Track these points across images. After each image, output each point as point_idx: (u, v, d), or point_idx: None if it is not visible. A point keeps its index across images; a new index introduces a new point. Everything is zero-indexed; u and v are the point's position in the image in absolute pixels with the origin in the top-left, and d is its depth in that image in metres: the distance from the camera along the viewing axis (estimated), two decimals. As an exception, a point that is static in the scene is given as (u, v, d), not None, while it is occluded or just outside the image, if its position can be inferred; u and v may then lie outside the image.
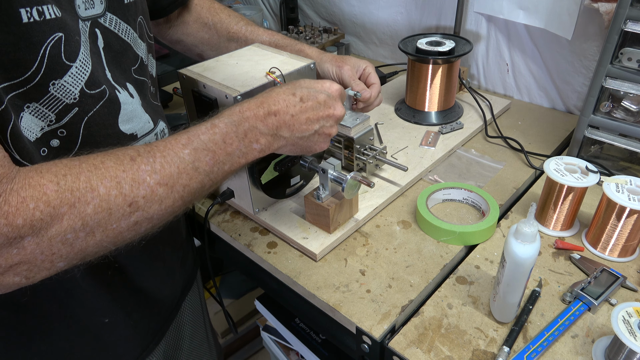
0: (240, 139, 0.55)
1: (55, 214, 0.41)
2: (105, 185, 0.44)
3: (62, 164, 0.44)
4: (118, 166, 0.46)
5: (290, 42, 0.88)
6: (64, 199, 0.42)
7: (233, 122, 0.55)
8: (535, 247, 0.55)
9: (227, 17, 0.89)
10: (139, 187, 0.46)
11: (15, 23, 0.44)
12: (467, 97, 1.16)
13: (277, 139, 0.58)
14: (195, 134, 0.52)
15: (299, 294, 0.72)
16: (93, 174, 0.44)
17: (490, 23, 1.15)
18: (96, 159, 0.46)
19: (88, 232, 0.44)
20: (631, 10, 0.73)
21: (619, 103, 0.81)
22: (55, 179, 0.42)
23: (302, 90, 0.60)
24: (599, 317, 0.63)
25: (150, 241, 0.55)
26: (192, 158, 0.51)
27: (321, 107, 0.61)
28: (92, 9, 0.54)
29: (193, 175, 0.51)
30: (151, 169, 0.47)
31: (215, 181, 0.54)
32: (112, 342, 0.69)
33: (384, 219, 0.82)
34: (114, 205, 0.44)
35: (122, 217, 0.45)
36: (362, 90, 0.82)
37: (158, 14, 0.83)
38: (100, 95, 0.55)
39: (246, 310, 1.59)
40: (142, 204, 0.46)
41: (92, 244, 0.45)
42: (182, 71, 0.76)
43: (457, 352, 0.59)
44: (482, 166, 0.94)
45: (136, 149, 0.49)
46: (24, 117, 0.49)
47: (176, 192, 0.49)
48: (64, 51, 0.49)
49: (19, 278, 0.42)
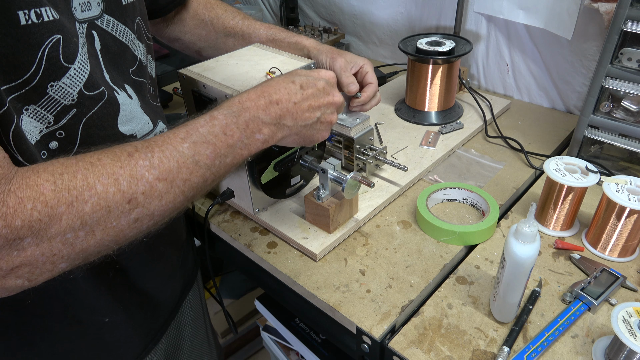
0: (242, 130, 0.54)
1: (53, 214, 0.41)
2: (102, 182, 0.43)
3: (59, 163, 0.43)
4: (115, 162, 0.45)
5: (287, 35, 0.87)
6: (61, 198, 0.41)
7: (233, 113, 0.54)
8: (535, 247, 0.55)
9: (223, 12, 0.89)
10: (137, 183, 0.45)
11: (13, 25, 0.45)
12: (467, 97, 1.16)
13: (281, 128, 0.57)
14: (194, 127, 0.51)
15: (299, 294, 0.72)
16: (90, 171, 0.43)
17: (490, 23, 1.15)
18: (93, 156, 0.45)
19: (88, 231, 0.43)
20: (631, 10, 0.73)
21: (619, 103, 0.81)
22: (52, 178, 0.41)
23: (301, 78, 0.60)
24: (599, 317, 0.63)
25: (151, 241, 0.55)
26: (192, 152, 0.50)
27: (321, 94, 0.60)
28: (89, 11, 0.54)
29: (194, 170, 0.50)
30: (149, 164, 0.47)
31: (218, 175, 0.53)
32: (112, 341, 0.69)
33: (384, 219, 0.82)
34: (113, 202, 0.44)
35: (122, 215, 0.45)
36: (350, 84, 0.80)
37: (156, 13, 0.83)
38: (99, 97, 0.55)
39: (246, 310, 1.59)
40: (141, 200, 0.46)
41: (93, 243, 0.44)
42: (182, 71, 0.76)
43: (457, 352, 0.59)
44: (482, 166, 0.94)
45: (134, 144, 0.48)
46: (23, 120, 0.49)
47: (177, 187, 0.49)
48: (62, 53, 0.49)
49: (21, 281, 0.42)
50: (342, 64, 0.81)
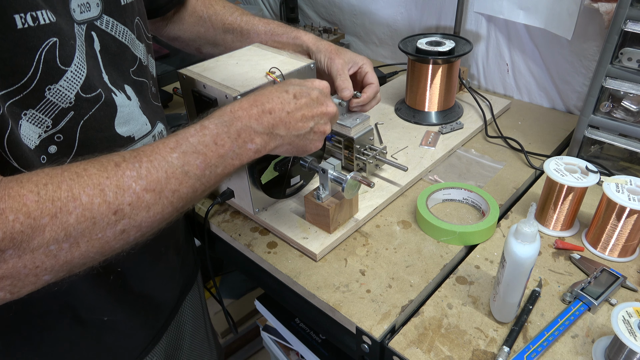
0: (233, 140, 0.53)
1: (36, 226, 0.39)
2: (87, 193, 0.42)
3: (44, 173, 0.42)
4: (101, 173, 0.44)
5: (286, 30, 0.86)
6: (45, 209, 0.40)
7: (224, 123, 0.53)
8: (535, 247, 0.55)
9: (221, 9, 0.88)
10: (124, 194, 0.44)
11: (9, 29, 0.44)
12: (467, 97, 1.16)
13: (274, 137, 0.57)
14: (184, 137, 0.50)
15: (299, 294, 0.72)
16: (75, 182, 0.42)
17: (490, 23, 1.15)
18: (79, 166, 0.44)
19: (72, 242, 0.42)
20: (631, 10, 0.73)
21: (619, 103, 0.81)
22: (36, 189, 0.40)
23: (294, 87, 0.59)
24: (599, 317, 0.63)
25: (151, 242, 0.55)
26: (181, 162, 0.49)
27: (315, 104, 0.60)
28: (87, 12, 0.54)
29: (183, 180, 0.49)
30: (137, 174, 0.45)
31: (209, 185, 0.52)
32: (113, 341, 0.69)
33: (384, 219, 0.82)
34: (98, 213, 0.43)
35: (108, 226, 0.44)
36: (344, 90, 0.79)
37: (155, 13, 0.83)
38: (96, 99, 0.55)
39: (246, 310, 1.59)
40: (128, 211, 0.45)
41: (77, 255, 0.43)
42: (182, 71, 0.76)
43: (457, 352, 0.59)
44: (482, 166, 0.94)
45: (122, 154, 0.47)
46: (22, 125, 0.49)
47: (165, 197, 0.47)
48: (58, 56, 0.49)
49: (3, 293, 0.40)
50: (339, 65, 0.80)
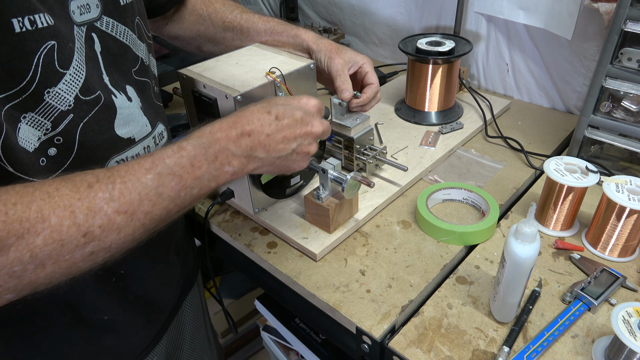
0: (210, 162, 0.52)
1: (1, 246, 0.38)
2: (57, 215, 0.41)
3: (15, 191, 0.41)
4: (74, 194, 0.43)
5: (286, 28, 0.86)
6: (12, 230, 0.39)
7: (202, 145, 0.52)
8: (535, 247, 0.55)
9: (221, 7, 0.88)
10: (94, 216, 0.43)
11: (7, 33, 0.44)
12: (467, 97, 1.16)
13: (252, 160, 0.55)
14: (160, 158, 0.49)
15: (299, 294, 0.72)
16: (46, 202, 0.41)
17: (490, 23, 1.15)
18: (51, 185, 0.43)
19: (38, 264, 0.41)
20: (631, 10, 0.73)
21: (619, 103, 0.81)
22: (4, 209, 0.39)
23: (277, 107, 0.57)
24: (599, 317, 0.63)
25: (152, 244, 0.55)
26: (156, 183, 0.48)
27: (298, 124, 0.58)
28: (87, 13, 0.54)
29: (156, 202, 0.48)
30: (109, 196, 0.44)
31: (183, 206, 0.51)
32: (113, 341, 0.69)
33: (384, 219, 0.82)
34: (67, 236, 0.42)
35: (76, 248, 0.43)
36: (344, 91, 0.78)
37: (155, 12, 0.83)
38: (95, 101, 0.55)
39: (246, 310, 1.59)
40: (98, 233, 0.44)
41: (42, 275, 0.42)
42: (182, 71, 0.76)
43: (457, 352, 0.59)
44: (482, 166, 0.94)
45: (96, 174, 0.46)
46: (21, 128, 0.48)
47: (137, 219, 0.46)
48: (57, 59, 0.49)
49: None
50: (339, 65, 0.79)
